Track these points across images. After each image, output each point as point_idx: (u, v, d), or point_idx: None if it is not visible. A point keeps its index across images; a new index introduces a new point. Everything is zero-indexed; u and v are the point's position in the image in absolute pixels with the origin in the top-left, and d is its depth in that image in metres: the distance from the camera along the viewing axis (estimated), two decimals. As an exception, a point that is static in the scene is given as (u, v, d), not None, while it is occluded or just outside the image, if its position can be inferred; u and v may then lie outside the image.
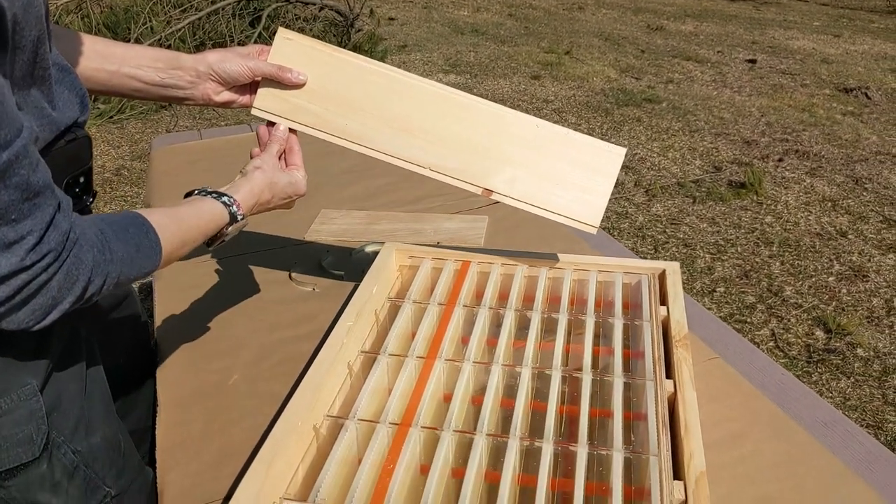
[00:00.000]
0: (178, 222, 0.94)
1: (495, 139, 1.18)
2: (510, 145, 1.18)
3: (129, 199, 3.97)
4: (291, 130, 1.19)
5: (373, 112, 1.18)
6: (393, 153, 1.19)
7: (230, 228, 1.03)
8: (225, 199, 1.03)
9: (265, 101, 1.18)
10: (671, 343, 1.09)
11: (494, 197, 1.19)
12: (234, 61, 1.14)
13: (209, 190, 1.03)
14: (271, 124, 1.19)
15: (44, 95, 0.84)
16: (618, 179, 1.19)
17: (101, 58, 1.09)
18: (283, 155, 1.19)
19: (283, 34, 1.17)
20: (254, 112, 1.18)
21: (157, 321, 1.37)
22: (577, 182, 1.19)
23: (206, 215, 0.99)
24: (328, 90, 1.18)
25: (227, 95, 1.17)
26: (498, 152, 1.18)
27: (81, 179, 0.94)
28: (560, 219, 1.20)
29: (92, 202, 0.99)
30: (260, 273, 1.53)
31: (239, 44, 6.00)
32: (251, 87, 1.19)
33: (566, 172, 1.18)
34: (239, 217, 1.03)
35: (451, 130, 1.18)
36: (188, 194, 1.04)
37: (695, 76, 6.70)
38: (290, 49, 1.17)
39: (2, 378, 0.86)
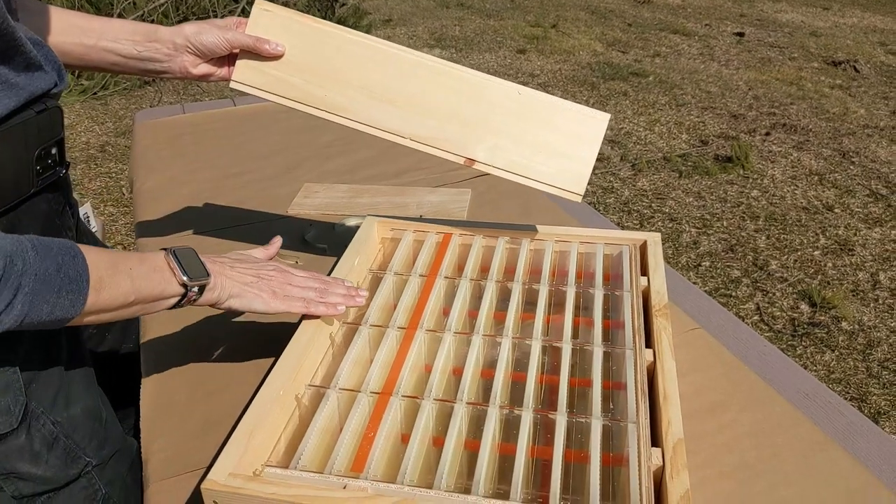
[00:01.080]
0: (113, 263, 0.84)
1: (477, 107, 1.17)
2: (492, 113, 1.17)
3: (113, 174, 3.96)
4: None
5: (353, 83, 1.17)
6: (373, 124, 1.18)
7: (195, 290, 0.92)
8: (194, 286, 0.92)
9: (244, 74, 1.16)
10: (651, 313, 1.10)
11: (477, 167, 1.18)
12: (212, 33, 1.12)
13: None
14: None
15: (8, 66, 0.83)
16: (604, 154, 1.19)
17: (80, 31, 1.09)
18: None
19: (260, 5, 1.15)
20: (232, 85, 1.16)
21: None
22: (561, 149, 1.17)
23: (148, 262, 0.89)
24: (307, 61, 1.16)
25: (204, 68, 1.16)
26: (480, 121, 1.17)
27: (54, 150, 0.94)
28: (544, 187, 1.18)
29: (65, 173, 0.99)
30: (244, 247, 1.52)
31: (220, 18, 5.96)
32: (229, 59, 1.17)
33: (549, 140, 1.17)
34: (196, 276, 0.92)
35: (432, 99, 1.17)
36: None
37: (682, 50, 6.69)
38: (268, 20, 1.15)
39: None
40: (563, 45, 6.70)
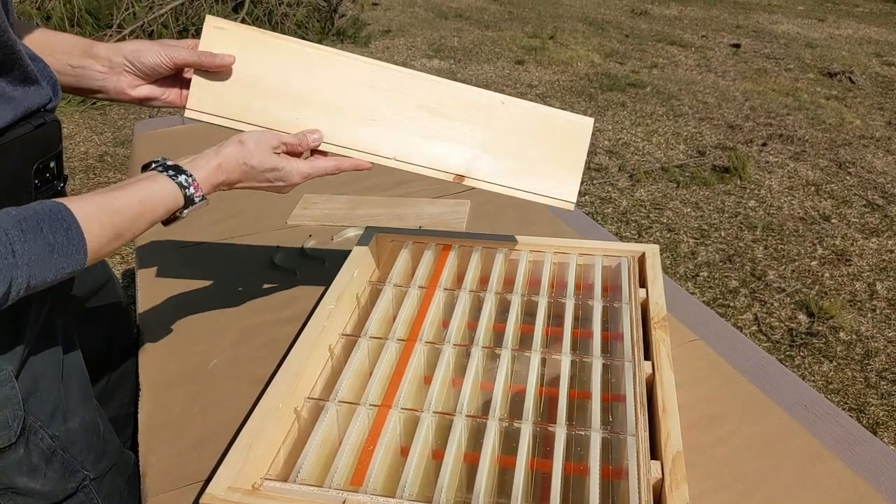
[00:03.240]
0: (111, 212, 0.84)
1: (452, 116, 1.12)
2: (476, 125, 1.13)
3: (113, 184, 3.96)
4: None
5: (325, 102, 1.08)
6: (352, 145, 1.09)
7: (185, 212, 0.94)
8: (182, 178, 0.93)
9: (200, 101, 1.05)
10: (650, 325, 1.10)
11: (467, 182, 1.13)
12: (153, 50, 1.02)
13: (168, 163, 0.94)
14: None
15: (6, 78, 0.83)
16: (602, 164, 1.19)
17: (27, 43, 1.03)
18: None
19: (212, 22, 1.04)
20: (187, 115, 1.05)
21: (140, 307, 1.37)
22: (549, 158, 1.14)
23: (152, 200, 0.90)
24: (272, 82, 1.06)
25: (146, 90, 1.05)
26: (458, 139, 1.12)
27: (52, 164, 0.93)
28: (536, 198, 1.14)
29: (63, 186, 0.99)
30: (242, 257, 1.53)
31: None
32: (182, 83, 1.08)
33: (537, 149, 1.14)
34: (196, 199, 0.94)
35: (414, 115, 1.10)
36: (146, 166, 0.95)
37: (679, 61, 6.71)
38: (223, 39, 1.04)
39: None
40: (560, 56, 6.71)
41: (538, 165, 1.14)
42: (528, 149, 1.13)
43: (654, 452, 0.90)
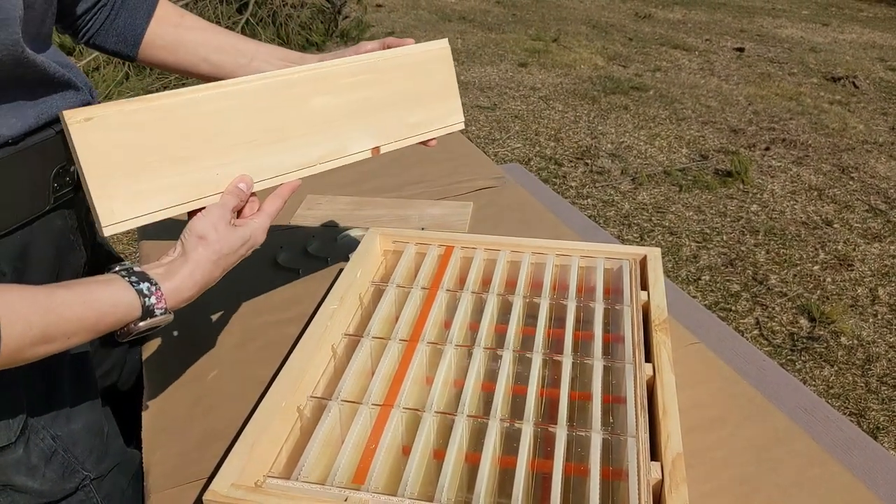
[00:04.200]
0: (44, 310, 0.73)
1: (342, 99, 1.08)
2: (366, 92, 1.10)
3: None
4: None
5: (229, 144, 0.96)
6: (279, 171, 1.02)
7: (142, 324, 0.82)
8: (145, 286, 0.82)
9: (114, 213, 0.86)
10: (651, 327, 1.10)
11: (383, 151, 1.13)
12: (343, 54, 1.12)
13: (134, 269, 0.84)
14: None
15: (24, 87, 0.85)
16: (604, 167, 1.20)
17: (235, 51, 1.15)
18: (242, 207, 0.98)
19: (72, 117, 0.82)
20: (107, 234, 0.86)
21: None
22: (431, 93, 1.19)
23: (101, 305, 0.78)
24: (169, 149, 0.90)
25: None
26: (353, 110, 1.09)
27: (71, 169, 0.94)
28: (436, 133, 1.19)
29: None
30: (246, 257, 1.53)
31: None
32: None
33: (419, 91, 1.17)
34: (158, 311, 0.83)
35: (304, 115, 1.04)
36: (109, 269, 0.85)
37: (682, 64, 6.71)
38: (96, 132, 0.84)
39: None
40: (564, 59, 6.72)
41: (426, 105, 1.19)
42: (413, 95, 1.17)
43: (655, 454, 0.90)
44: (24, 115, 0.85)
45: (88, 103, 0.95)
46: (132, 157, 0.87)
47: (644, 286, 1.22)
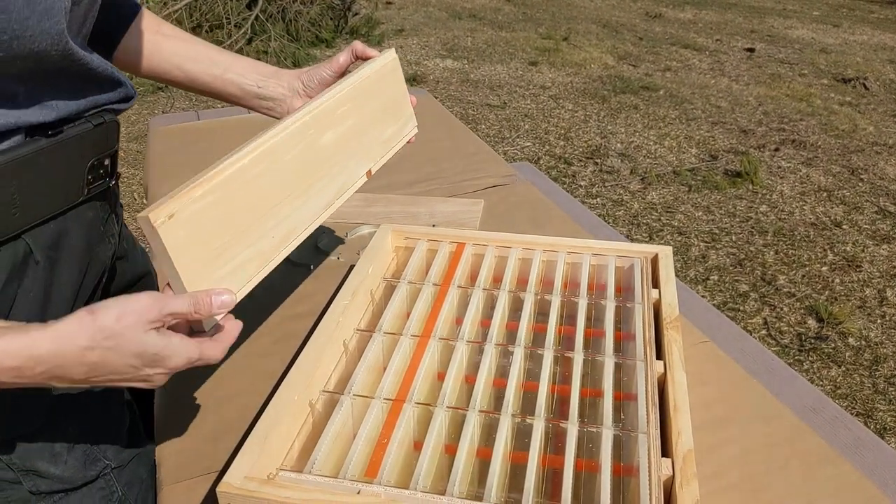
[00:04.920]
0: None
1: (339, 132, 1.10)
2: (349, 122, 1.11)
3: (125, 179, 3.97)
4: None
5: (274, 203, 0.96)
6: (312, 220, 1.03)
7: None
8: None
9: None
10: (662, 325, 1.11)
11: (373, 171, 1.18)
12: (319, 68, 1.17)
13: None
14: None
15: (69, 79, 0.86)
16: (614, 167, 1.20)
17: (210, 62, 1.16)
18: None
19: (157, 218, 0.78)
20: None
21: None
22: (390, 107, 1.22)
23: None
24: (235, 224, 0.89)
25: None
26: (346, 140, 1.11)
27: (106, 162, 0.96)
28: (400, 144, 1.25)
29: (114, 183, 1.01)
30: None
31: (235, 26, 6.00)
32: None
33: (382, 108, 1.20)
34: None
35: (319, 155, 1.05)
36: None
37: (692, 64, 6.70)
38: (179, 228, 0.81)
39: None
40: (574, 58, 6.72)
41: (392, 118, 1.23)
42: (381, 112, 1.20)
43: (665, 450, 0.91)
44: (65, 107, 0.86)
45: (130, 97, 0.97)
46: (209, 243, 0.85)
47: (655, 284, 1.22)
